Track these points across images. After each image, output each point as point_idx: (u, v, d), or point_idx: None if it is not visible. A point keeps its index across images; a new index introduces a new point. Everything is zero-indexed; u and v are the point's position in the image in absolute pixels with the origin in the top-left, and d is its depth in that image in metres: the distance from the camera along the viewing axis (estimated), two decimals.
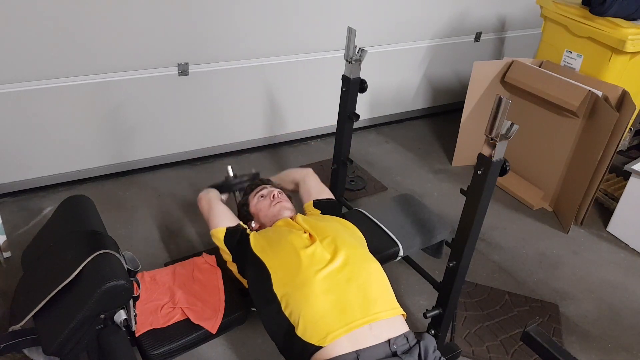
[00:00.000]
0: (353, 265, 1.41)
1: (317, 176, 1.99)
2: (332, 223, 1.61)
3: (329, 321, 1.27)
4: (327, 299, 1.31)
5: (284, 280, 1.38)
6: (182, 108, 2.62)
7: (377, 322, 1.29)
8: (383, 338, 1.27)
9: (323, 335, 1.25)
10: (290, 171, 2.07)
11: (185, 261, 1.79)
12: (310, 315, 1.29)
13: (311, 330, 1.27)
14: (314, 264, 1.39)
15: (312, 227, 1.55)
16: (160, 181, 2.67)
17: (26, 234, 2.21)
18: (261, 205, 1.75)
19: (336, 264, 1.39)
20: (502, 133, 1.31)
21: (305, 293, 1.32)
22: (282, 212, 1.70)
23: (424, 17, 3.15)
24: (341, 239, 1.49)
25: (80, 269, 1.25)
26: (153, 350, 1.41)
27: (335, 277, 1.36)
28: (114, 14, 2.23)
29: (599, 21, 2.47)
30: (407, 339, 1.30)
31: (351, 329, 1.26)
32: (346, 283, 1.35)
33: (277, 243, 1.50)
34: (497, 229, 2.55)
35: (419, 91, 3.45)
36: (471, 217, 1.48)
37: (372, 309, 1.31)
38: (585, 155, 2.45)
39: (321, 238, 1.49)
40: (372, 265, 1.45)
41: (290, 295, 1.34)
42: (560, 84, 2.47)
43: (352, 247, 1.47)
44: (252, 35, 2.62)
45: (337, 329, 1.25)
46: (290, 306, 1.33)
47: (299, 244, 1.46)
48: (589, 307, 2.13)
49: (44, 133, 2.33)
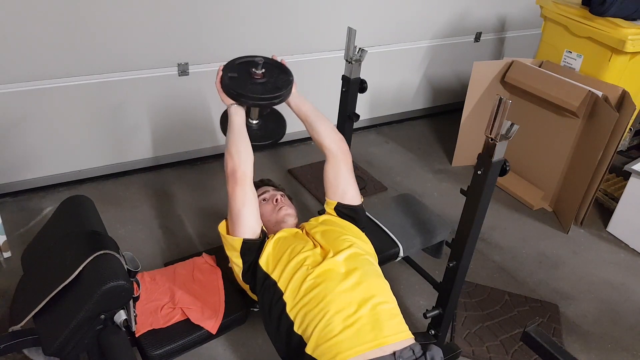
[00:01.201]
0: (367, 283, 1.36)
1: (351, 163, 1.70)
2: (347, 236, 1.52)
3: (341, 342, 1.24)
4: (341, 319, 1.27)
5: (297, 300, 1.34)
6: (182, 108, 2.62)
7: (388, 346, 1.26)
8: (388, 352, 1.25)
9: (333, 354, 1.23)
10: (325, 124, 1.69)
11: (185, 261, 1.79)
12: (324, 334, 1.26)
13: (322, 349, 1.25)
14: (328, 280, 1.34)
15: (325, 240, 1.48)
16: (160, 181, 2.67)
17: (26, 234, 2.21)
18: (263, 210, 1.66)
19: (351, 281, 1.34)
20: (502, 133, 1.31)
21: (318, 311, 1.29)
22: (286, 219, 1.64)
23: (424, 17, 3.15)
24: (356, 255, 1.44)
25: (80, 270, 1.25)
26: (153, 351, 1.41)
27: (349, 296, 1.32)
28: (114, 14, 2.23)
29: (599, 21, 2.47)
30: (413, 351, 1.27)
31: (362, 352, 1.23)
32: (360, 302, 1.31)
33: (288, 259, 1.42)
34: (497, 229, 2.55)
35: (419, 91, 3.45)
36: (471, 217, 1.48)
37: (384, 332, 1.27)
38: (585, 155, 2.45)
39: (335, 252, 1.42)
40: (382, 283, 1.42)
41: (303, 314, 1.31)
42: (560, 84, 2.47)
43: (366, 264, 1.43)
44: (252, 36, 2.62)
45: (347, 350, 1.23)
46: (304, 325, 1.29)
47: (312, 260, 1.40)
48: (589, 307, 2.13)
49: (44, 133, 2.33)
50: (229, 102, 1.55)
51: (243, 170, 1.46)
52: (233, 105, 1.55)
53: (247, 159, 1.48)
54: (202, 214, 2.43)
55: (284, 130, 1.75)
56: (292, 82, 1.59)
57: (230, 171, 1.45)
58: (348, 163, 1.68)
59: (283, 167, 2.89)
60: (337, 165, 1.66)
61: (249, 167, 1.47)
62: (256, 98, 1.51)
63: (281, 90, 1.54)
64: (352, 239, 1.51)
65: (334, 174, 1.67)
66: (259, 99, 1.52)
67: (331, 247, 1.44)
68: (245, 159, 1.47)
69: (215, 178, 2.72)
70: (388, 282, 1.44)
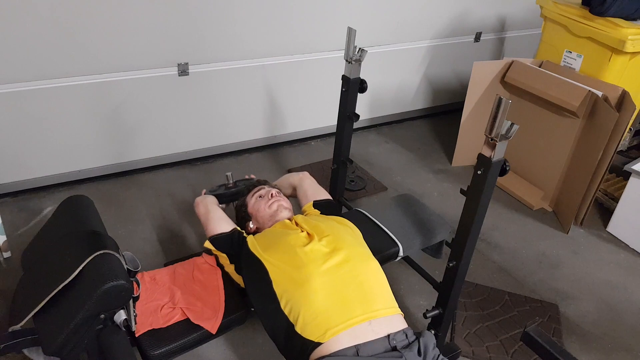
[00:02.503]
0: (353, 262, 1.41)
1: (313, 178, 2.01)
2: (331, 222, 1.61)
3: (329, 317, 1.27)
4: (327, 296, 1.31)
5: (283, 278, 1.38)
6: (182, 108, 2.62)
7: (377, 319, 1.29)
8: (382, 334, 1.27)
9: (322, 331, 1.25)
10: (286, 176, 2.08)
11: (185, 261, 1.79)
12: (310, 312, 1.29)
13: (310, 327, 1.27)
14: (312, 261, 1.39)
15: (311, 226, 1.55)
16: (160, 181, 2.67)
17: (26, 234, 2.21)
18: (259, 205, 1.75)
19: (335, 260, 1.39)
20: (502, 133, 1.31)
21: (304, 290, 1.32)
22: (280, 211, 1.70)
23: (424, 17, 3.15)
24: (341, 237, 1.49)
25: (80, 269, 1.25)
26: (153, 351, 1.41)
27: (334, 273, 1.36)
28: (114, 14, 2.23)
29: (599, 21, 2.47)
30: (407, 335, 1.30)
31: (351, 325, 1.26)
32: (346, 280, 1.35)
33: (274, 242, 1.50)
34: (497, 229, 2.55)
35: (419, 91, 3.45)
36: (471, 217, 1.48)
37: (372, 306, 1.31)
38: (585, 155, 2.45)
39: (320, 237, 1.49)
40: (372, 264, 1.45)
41: (289, 293, 1.34)
42: (560, 84, 2.47)
43: (351, 246, 1.47)
44: (252, 35, 2.62)
45: (336, 325, 1.25)
46: (290, 304, 1.32)
47: (297, 242, 1.46)
48: (589, 307, 2.13)
49: (44, 133, 2.33)
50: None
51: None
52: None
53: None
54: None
55: None
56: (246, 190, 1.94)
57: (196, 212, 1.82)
58: (309, 177, 1.99)
59: (283, 167, 2.89)
60: (302, 183, 1.96)
61: None
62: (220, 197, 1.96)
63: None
64: (336, 225, 1.59)
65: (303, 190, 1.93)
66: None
67: (316, 232, 1.51)
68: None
69: (215, 178, 2.72)
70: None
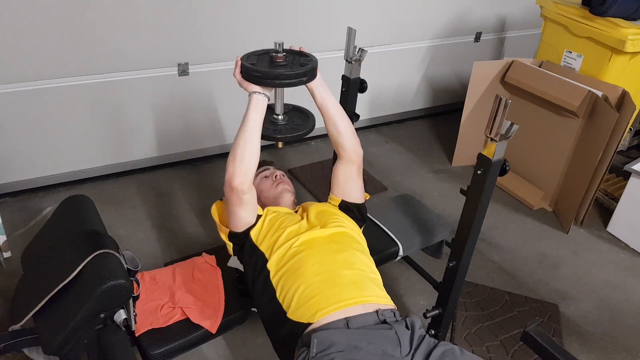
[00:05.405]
0: (350, 253, 1.40)
1: (362, 162, 1.67)
2: (338, 218, 1.57)
3: (320, 300, 1.26)
4: (321, 281, 1.30)
5: (279, 266, 1.37)
6: (182, 108, 2.62)
7: (370, 304, 1.29)
8: (371, 309, 1.28)
9: (312, 313, 1.24)
10: (343, 116, 1.64)
11: (185, 261, 1.79)
12: (304, 296, 1.28)
13: (302, 310, 1.27)
14: (309, 248, 1.38)
15: (317, 218, 1.53)
16: (160, 181, 2.67)
17: (26, 234, 2.21)
18: (263, 186, 1.71)
19: (333, 248, 1.39)
20: (502, 133, 1.31)
21: (298, 276, 1.32)
22: (284, 194, 1.68)
23: (424, 17, 3.15)
24: (343, 233, 1.48)
25: (80, 269, 1.26)
26: (153, 350, 1.41)
27: (330, 259, 1.36)
28: (114, 14, 2.23)
29: (599, 21, 2.47)
30: (394, 314, 1.30)
31: (340, 307, 1.25)
32: (341, 268, 1.34)
33: (274, 231, 1.47)
34: (497, 229, 2.55)
35: (419, 91, 3.45)
36: (471, 217, 1.48)
37: (364, 292, 1.30)
38: (585, 155, 2.45)
39: (321, 227, 1.47)
40: (370, 261, 1.45)
41: (284, 280, 1.34)
42: (560, 84, 2.47)
43: (352, 242, 1.47)
44: (252, 35, 2.62)
45: (327, 307, 1.25)
46: (284, 291, 1.32)
47: (297, 231, 1.45)
48: (589, 307, 2.13)
49: (44, 133, 2.33)
50: (251, 89, 1.42)
51: (241, 181, 1.37)
52: (255, 95, 1.41)
53: (249, 169, 1.39)
54: (202, 214, 2.43)
55: (313, 122, 1.66)
56: (316, 62, 1.50)
57: (229, 177, 1.37)
58: (360, 167, 1.66)
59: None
60: (349, 169, 1.63)
61: (248, 178, 1.39)
62: (281, 76, 1.40)
63: (306, 68, 1.46)
64: (344, 222, 1.54)
65: (345, 177, 1.64)
66: (285, 76, 1.41)
67: (319, 223, 1.49)
68: (247, 170, 1.38)
69: (215, 178, 2.72)
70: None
